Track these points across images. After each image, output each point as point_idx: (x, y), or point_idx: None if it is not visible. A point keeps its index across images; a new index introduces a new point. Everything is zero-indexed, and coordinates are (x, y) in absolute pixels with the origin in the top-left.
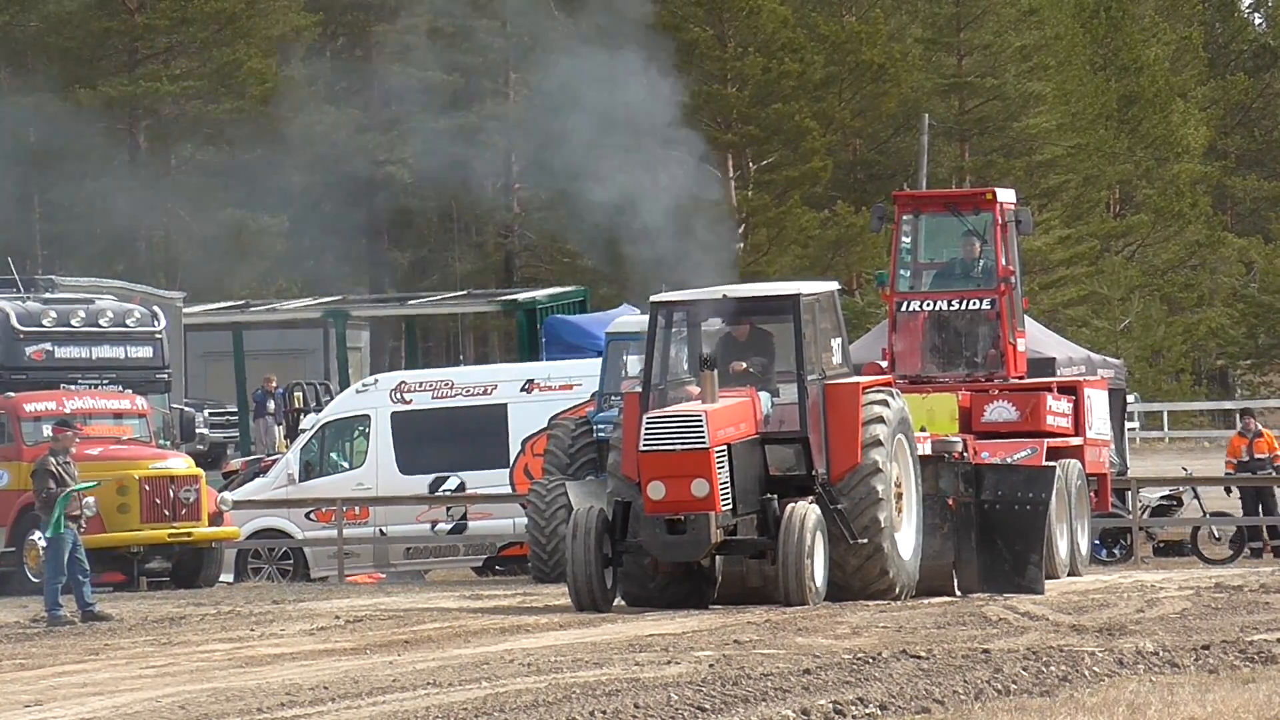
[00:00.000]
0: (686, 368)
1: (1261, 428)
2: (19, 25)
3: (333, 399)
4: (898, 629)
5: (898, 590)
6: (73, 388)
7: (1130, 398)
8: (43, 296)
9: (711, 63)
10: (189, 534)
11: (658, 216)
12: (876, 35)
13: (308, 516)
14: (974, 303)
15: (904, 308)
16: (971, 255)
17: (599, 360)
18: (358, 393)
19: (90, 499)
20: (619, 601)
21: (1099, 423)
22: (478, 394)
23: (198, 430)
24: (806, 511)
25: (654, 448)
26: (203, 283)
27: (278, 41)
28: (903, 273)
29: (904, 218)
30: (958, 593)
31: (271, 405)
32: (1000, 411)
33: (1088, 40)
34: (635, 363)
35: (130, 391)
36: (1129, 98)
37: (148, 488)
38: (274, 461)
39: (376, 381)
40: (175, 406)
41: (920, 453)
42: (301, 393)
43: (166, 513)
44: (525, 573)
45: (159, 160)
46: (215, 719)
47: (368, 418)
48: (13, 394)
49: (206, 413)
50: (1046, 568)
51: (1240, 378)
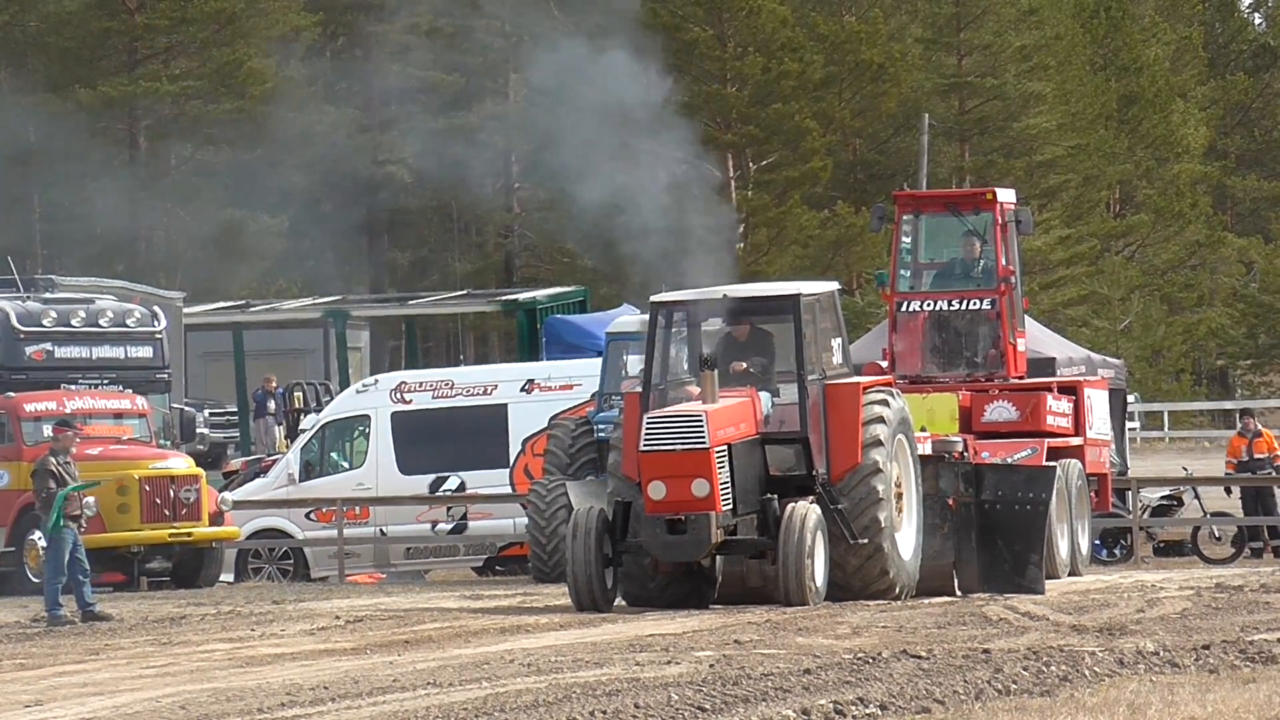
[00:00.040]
0: (686, 368)
1: (1261, 427)
2: (19, 25)
3: (333, 399)
4: (898, 629)
5: (898, 590)
6: (73, 388)
7: (1130, 398)
8: (43, 296)
9: (711, 63)
10: (189, 534)
11: (657, 216)
12: (876, 35)
13: (308, 516)
14: (974, 303)
15: (904, 308)
16: (972, 255)
17: (599, 360)
18: (358, 393)
19: (90, 499)
20: (619, 601)
21: (1099, 423)
22: (478, 394)
23: (198, 430)
24: (807, 511)
25: (654, 448)
26: (203, 283)
27: (277, 41)
28: (903, 273)
29: (904, 218)
30: (958, 593)
31: (272, 405)
32: (1000, 411)
33: (1088, 40)
34: (635, 363)
35: (130, 391)
36: (1129, 98)
37: (148, 488)
38: (274, 461)
39: (377, 381)
40: (175, 406)
41: (920, 453)
42: (301, 393)
43: (167, 513)
44: (525, 573)
45: (159, 160)
46: (215, 719)
47: (368, 418)
48: (13, 394)
49: (207, 413)
50: (1047, 568)
51: (1240, 378)
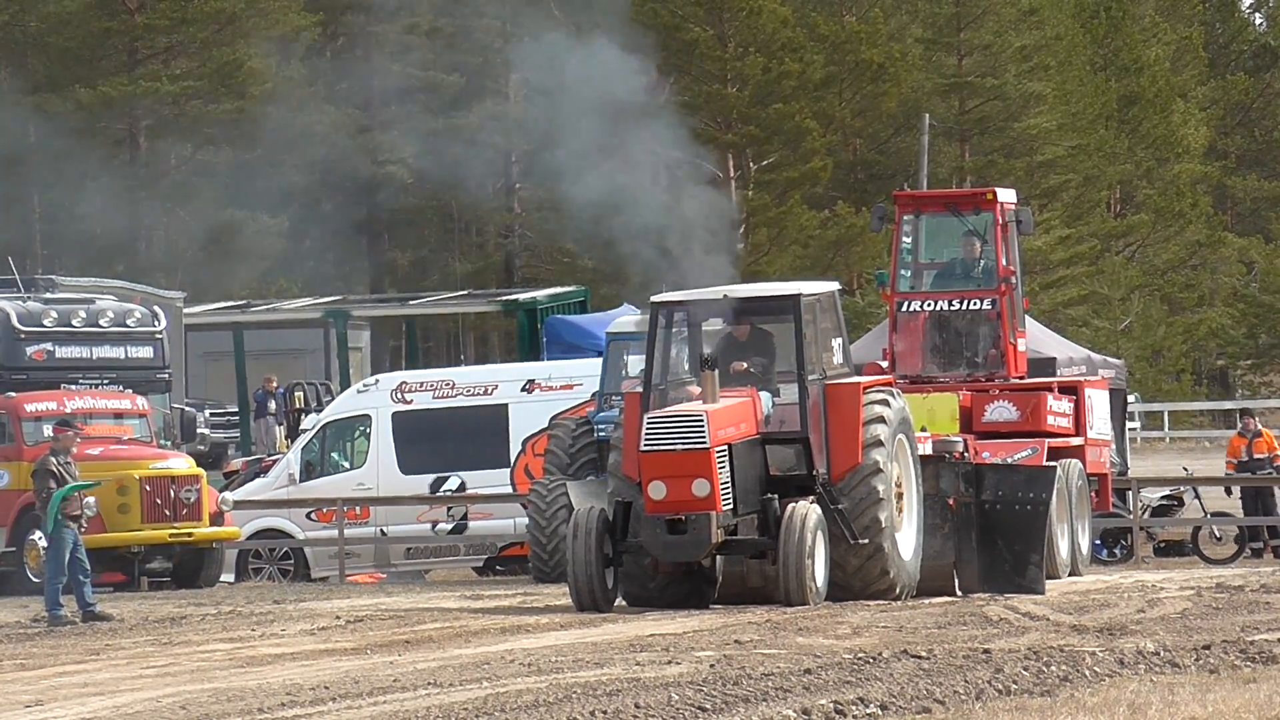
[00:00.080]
0: (687, 368)
1: (1261, 427)
2: (19, 25)
3: (333, 399)
4: (898, 629)
5: (898, 590)
6: (73, 388)
7: (1131, 398)
8: (43, 296)
9: (712, 63)
10: (190, 534)
11: (657, 215)
12: (876, 35)
13: (308, 516)
14: (974, 303)
15: (904, 308)
16: (972, 255)
17: (599, 360)
18: (358, 393)
19: (91, 499)
20: (620, 601)
21: (1099, 423)
22: (478, 394)
23: (198, 430)
24: (807, 511)
25: (655, 448)
26: (203, 283)
27: (277, 41)
28: (903, 273)
29: (904, 218)
30: (958, 593)
31: (272, 405)
32: (1001, 411)
33: (1088, 40)
34: (635, 363)
35: (131, 391)
36: (1129, 98)
37: (148, 488)
38: (275, 461)
39: (377, 381)
40: (176, 406)
41: (921, 453)
42: (302, 393)
43: (167, 513)
44: (526, 573)
45: (159, 160)
46: (216, 719)
47: (368, 418)
48: (13, 394)
49: (207, 413)
50: (1047, 568)
51: (1241, 378)
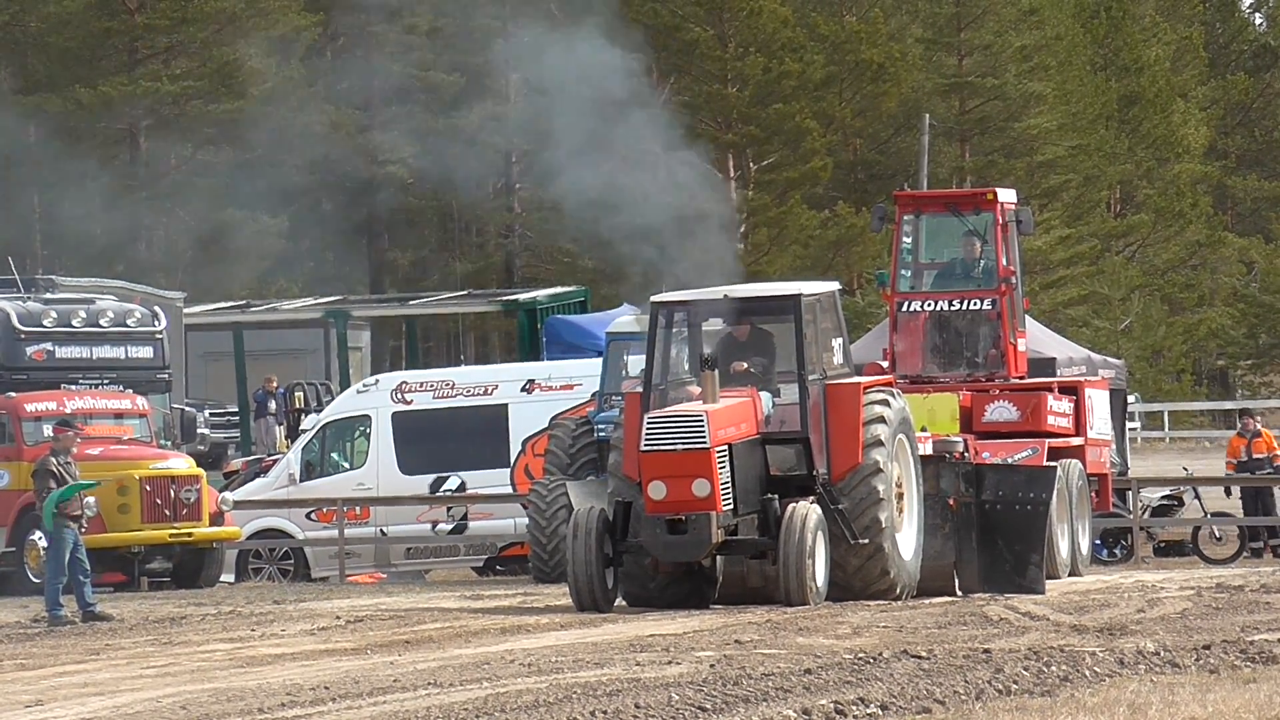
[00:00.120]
0: (687, 368)
1: (1261, 427)
2: (19, 25)
3: (333, 399)
4: (899, 629)
5: (899, 590)
6: (73, 388)
7: (1131, 398)
8: (43, 296)
9: (712, 63)
10: (190, 534)
11: (657, 216)
12: (877, 35)
13: (308, 516)
14: (975, 303)
15: (905, 308)
16: (972, 255)
17: (599, 360)
18: (358, 393)
19: (91, 499)
20: (620, 602)
21: (1100, 423)
22: (478, 394)
23: (198, 430)
24: (807, 512)
25: (655, 448)
26: (203, 283)
27: (277, 41)
28: (903, 273)
29: (904, 218)
30: (959, 593)
31: (272, 405)
32: (1001, 411)
33: (1088, 40)
34: (636, 363)
35: (131, 391)
36: (1129, 98)
37: (148, 488)
38: (275, 462)
39: (377, 381)
40: (176, 406)
41: (921, 453)
42: (302, 393)
43: (167, 513)
44: (526, 573)
45: (159, 160)
46: (216, 719)
47: (368, 418)
48: (13, 394)
49: (207, 413)
50: (1047, 568)
51: (1241, 378)
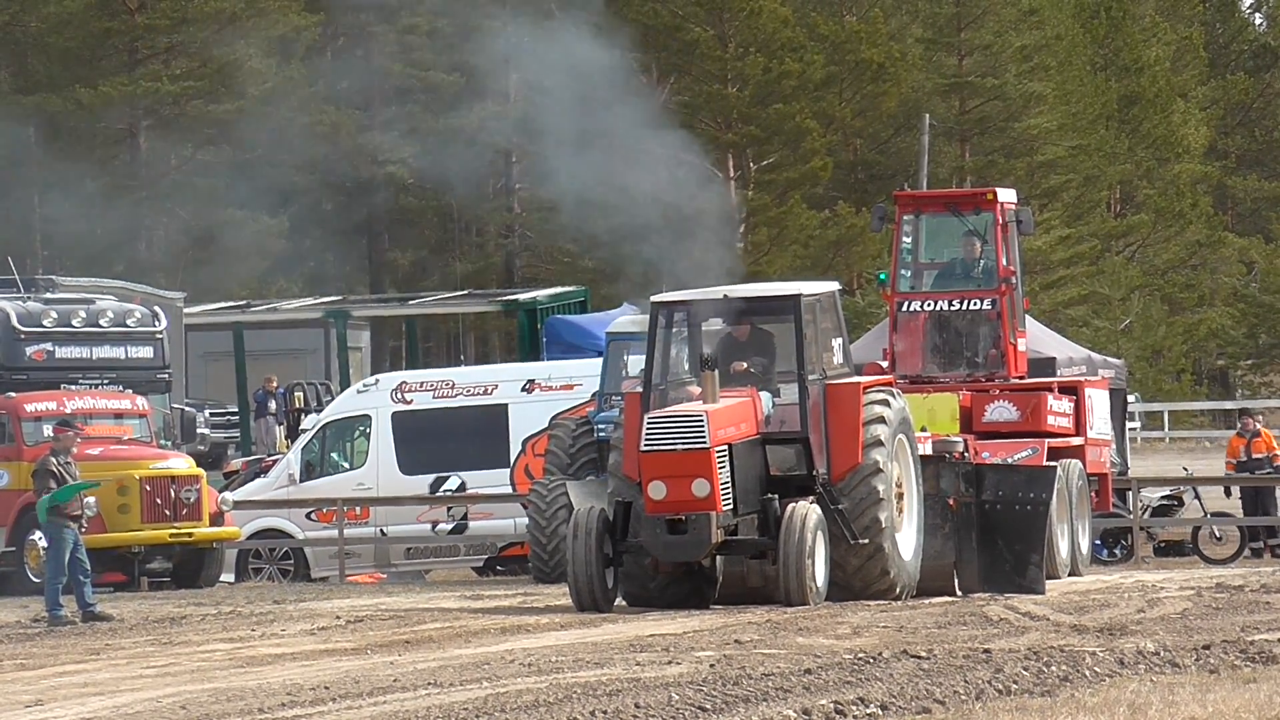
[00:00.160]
0: (687, 368)
1: (1260, 427)
2: (19, 25)
3: (333, 399)
4: (898, 629)
5: (898, 590)
6: (73, 388)
7: (1131, 398)
8: (43, 296)
9: (712, 63)
10: (190, 534)
11: (657, 216)
12: (877, 35)
13: (308, 517)
14: (975, 303)
15: (905, 308)
16: (972, 255)
17: (599, 360)
18: (358, 393)
19: (91, 499)
20: (620, 602)
21: (1100, 423)
22: (478, 394)
23: (198, 430)
24: (807, 512)
25: (655, 448)
26: (203, 283)
27: (277, 41)
28: (903, 273)
29: (905, 218)
30: (959, 593)
31: (272, 405)
32: (1001, 411)
33: (1088, 40)
34: (636, 363)
35: (131, 391)
36: (1129, 98)
37: (148, 488)
38: (275, 462)
39: (377, 381)
40: (176, 407)
41: (921, 453)
42: (302, 393)
43: (167, 513)
44: (526, 573)
45: (159, 160)
46: (216, 719)
47: (368, 418)
48: (13, 394)
49: (207, 413)
50: (1047, 568)
51: (1241, 378)
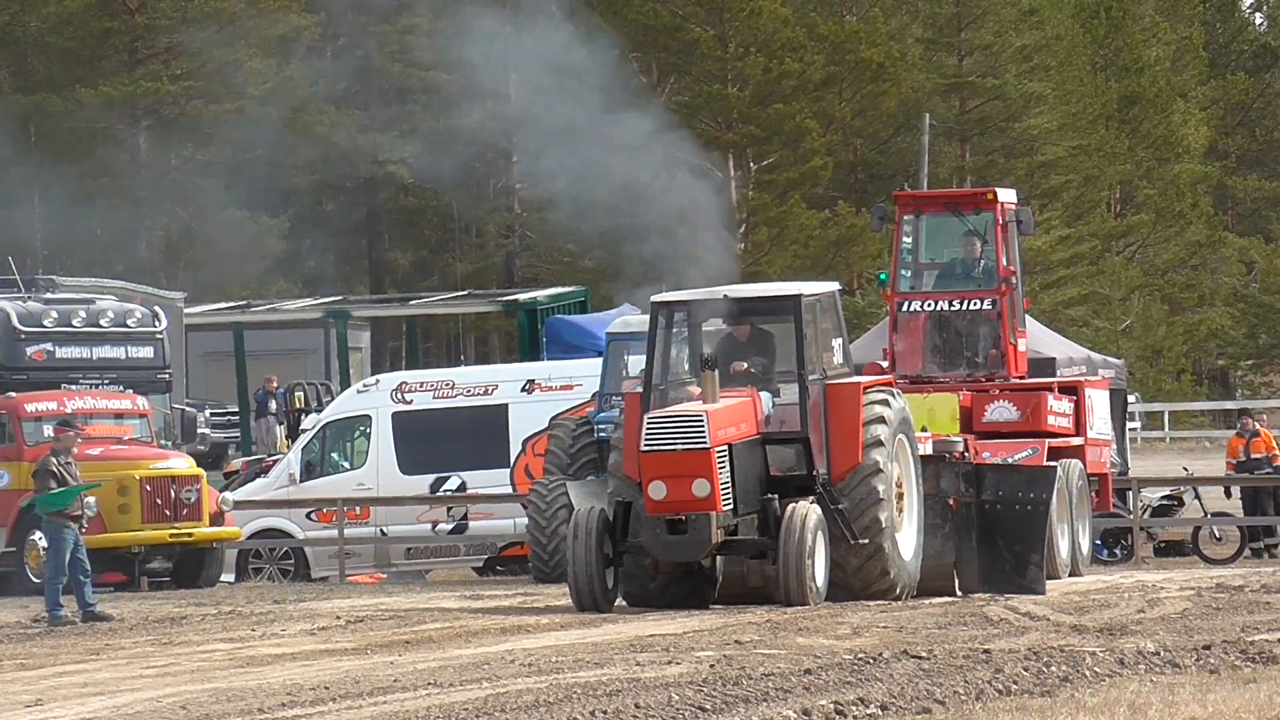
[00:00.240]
0: (687, 368)
1: (1260, 427)
2: (19, 25)
3: (334, 399)
4: (899, 629)
5: (899, 590)
6: (74, 388)
7: (1131, 398)
8: (44, 296)
9: (712, 63)
10: (190, 534)
11: (657, 216)
12: (877, 35)
13: (309, 516)
14: (975, 303)
15: (905, 308)
16: (972, 255)
17: (599, 360)
18: (359, 393)
19: (91, 499)
20: (620, 602)
21: (1100, 423)
22: (479, 394)
23: (199, 430)
24: (807, 512)
25: (655, 448)
26: (203, 283)
27: (277, 41)
28: (904, 273)
29: (905, 218)
30: (959, 593)
31: (273, 405)
32: (1001, 411)
33: (1088, 40)
34: (636, 363)
35: (131, 392)
36: (1129, 98)
37: (149, 488)
38: (275, 462)
39: (377, 382)
40: (176, 407)
41: (921, 453)
42: (302, 393)
43: (167, 513)
44: (526, 573)
45: (159, 160)
46: (216, 719)
47: (369, 418)
48: (14, 394)
49: (208, 413)
50: (1047, 568)
51: (1241, 378)
